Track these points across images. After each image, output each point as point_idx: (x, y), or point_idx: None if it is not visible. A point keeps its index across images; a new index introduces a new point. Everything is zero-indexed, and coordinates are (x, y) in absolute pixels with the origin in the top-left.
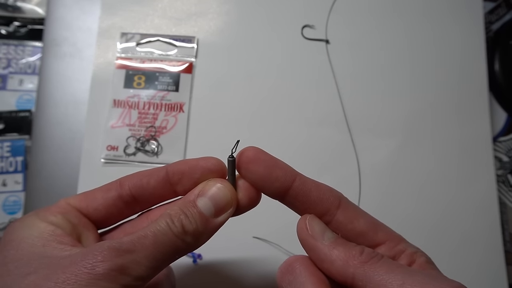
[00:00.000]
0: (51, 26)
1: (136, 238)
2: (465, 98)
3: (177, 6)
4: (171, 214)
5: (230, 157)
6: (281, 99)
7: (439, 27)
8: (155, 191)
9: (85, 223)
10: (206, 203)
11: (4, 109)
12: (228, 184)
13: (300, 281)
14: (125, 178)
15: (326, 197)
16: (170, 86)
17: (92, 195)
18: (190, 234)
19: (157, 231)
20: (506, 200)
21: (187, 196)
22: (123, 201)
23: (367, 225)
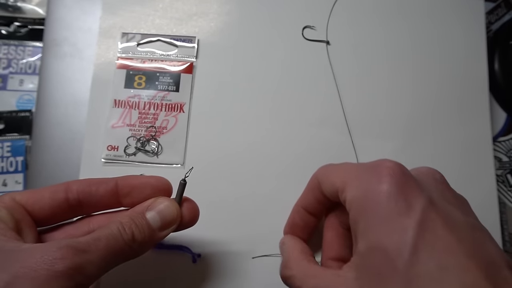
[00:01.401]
0: (52, 26)
1: (91, 240)
2: (465, 98)
3: (178, 6)
4: (123, 222)
5: (182, 180)
6: (281, 99)
7: (439, 27)
8: (102, 199)
9: (28, 220)
10: (154, 217)
11: (4, 109)
12: (175, 203)
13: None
14: (74, 182)
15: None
16: (170, 86)
17: (39, 194)
18: (137, 242)
19: (109, 235)
20: (505, 200)
21: (137, 208)
22: (69, 204)
23: (331, 183)
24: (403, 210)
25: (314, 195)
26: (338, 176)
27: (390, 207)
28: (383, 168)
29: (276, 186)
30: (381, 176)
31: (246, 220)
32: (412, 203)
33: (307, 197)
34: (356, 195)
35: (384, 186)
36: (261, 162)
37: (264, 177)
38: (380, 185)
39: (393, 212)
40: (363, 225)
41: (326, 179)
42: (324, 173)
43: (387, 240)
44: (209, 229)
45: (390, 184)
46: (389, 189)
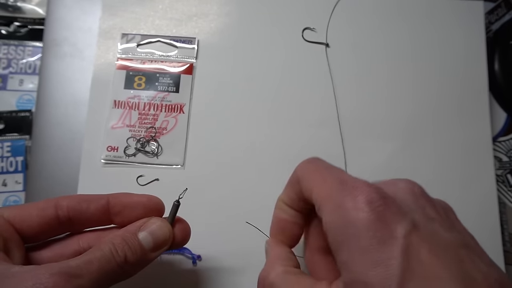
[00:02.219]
0: (52, 26)
1: (82, 264)
2: (465, 99)
3: (178, 7)
4: (115, 244)
5: (176, 201)
6: (281, 100)
7: (439, 28)
8: (93, 217)
9: (16, 239)
10: (146, 238)
11: (4, 109)
12: (168, 223)
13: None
14: (63, 199)
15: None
16: (170, 87)
17: (27, 211)
18: (130, 263)
19: (101, 258)
20: (506, 200)
21: (129, 228)
22: (59, 221)
23: (307, 187)
24: (385, 239)
25: (294, 190)
26: (316, 186)
27: (370, 237)
28: (360, 193)
29: (276, 187)
30: (359, 202)
31: (246, 220)
32: (394, 230)
33: (288, 192)
34: (333, 220)
35: (362, 214)
36: (261, 162)
37: (264, 178)
38: (358, 214)
39: (374, 242)
40: (345, 256)
41: (305, 181)
42: (303, 174)
43: (372, 273)
44: (209, 230)
45: (369, 213)
46: (368, 217)
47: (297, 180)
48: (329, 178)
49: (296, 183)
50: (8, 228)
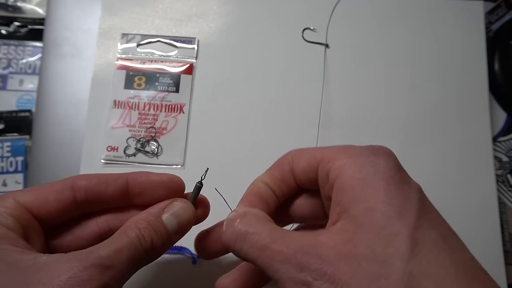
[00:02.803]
0: (52, 26)
1: (112, 253)
2: (465, 98)
3: (178, 7)
4: (141, 228)
5: (198, 183)
6: (281, 100)
7: (439, 29)
8: (112, 199)
9: (35, 226)
10: (171, 220)
11: (4, 109)
12: (191, 205)
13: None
14: (80, 179)
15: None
16: (170, 87)
17: (43, 196)
18: (156, 249)
19: (130, 245)
20: (505, 200)
21: (153, 210)
22: (76, 204)
23: (307, 157)
24: (404, 181)
25: (280, 170)
26: (320, 150)
27: (391, 177)
28: (380, 149)
29: None
30: (379, 154)
31: None
32: (410, 182)
33: (271, 172)
34: (349, 162)
35: (384, 158)
36: (261, 162)
37: None
38: (378, 158)
39: (396, 183)
40: (360, 191)
41: (303, 153)
42: (299, 150)
43: (391, 204)
44: None
45: (389, 161)
46: (391, 162)
47: (288, 160)
48: (336, 146)
49: (284, 163)
50: (26, 215)
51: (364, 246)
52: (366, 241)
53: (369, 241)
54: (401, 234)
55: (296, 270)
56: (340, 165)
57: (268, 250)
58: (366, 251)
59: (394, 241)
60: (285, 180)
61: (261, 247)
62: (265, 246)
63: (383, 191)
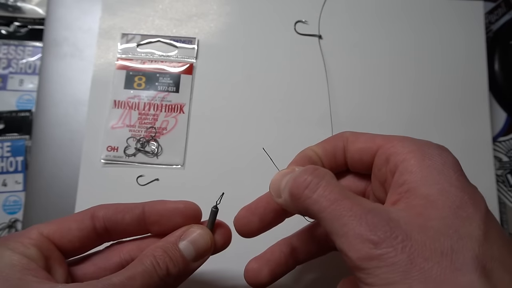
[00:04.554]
0: (52, 26)
1: (125, 280)
2: (465, 98)
3: (178, 7)
4: (156, 256)
5: (214, 207)
6: (282, 100)
7: (439, 28)
8: (129, 227)
9: (57, 256)
10: (188, 247)
11: (4, 109)
12: (208, 231)
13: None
14: (99, 209)
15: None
16: (170, 87)
17: (65, 226)
18: (172, 276)
19: (144, 273)
20: (506, 200)
21: (169, 238)
22: (96, 233)
23: (365, 140)
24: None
25: (333, 145)
26: (381, 136)
27: (460, 170)
28: (443, 146)
29: None
30: (444, 149)
31: None
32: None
33: (323, 145)
34: (417, 150)
35: (449, 153)
36: (261, 162)
37: (264, 178)
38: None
39: (464, 175)
40: (430, 174)
41: (360, 135)
42: (355, 132)
43: (464, 190)
44: None
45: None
46: (455, 158)
47: (343, 138)
48: (401, 136)
49: (339, 140)
50: (49, 245)
51: (438, 221)
52: (441, 217)
53: (444, 218)
54: (475, 217)
55: (366, 227)
56: (407, 151)
57: (340, 203)
58: (441, 226)
59: (469, 223)
60: (336, 156)
61: (333, 199)
62: (337, 199)
63: (455, 178)
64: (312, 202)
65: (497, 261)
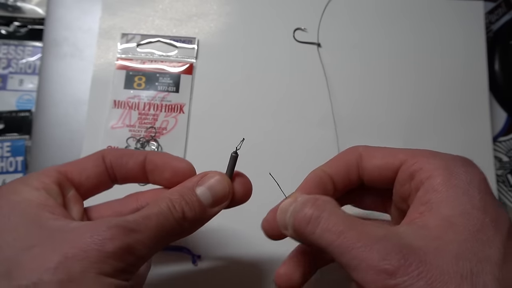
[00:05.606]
0: (51, 26)
1: (140, 218)
2: (465, 98)
3: (178, 7)
4: (172, 199)
5: (234, 153)
6: (281, 100)
7: (439, 28)
8: (131, 172)
9: (74, 195)
10: (205, 193)
11: (4, 109)
12: (227, 177)
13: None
14: (108, 152)
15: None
16: (170, 87)
17: (82, 164)
18: (188, 220)
19: (159, 213)
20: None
21: (187, 183)
22: (108, 173)
23: (384, 155)
24: (494, 196)
25: (346, 164)
26: (403, 151)
27: (485, 189)
28: (469, 161)
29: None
30: (470, 165)
31: (246, 221)
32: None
33: (334, 164)
34: (443, 167)
35: (475, 171)
36: (262, 162)
37: (264, 178)
38: (471, 170)
39: (489, 195)
40: (454, 194)
41: (376, 151)
42: (369, 147)
43: (487, 213)
44: (209, 230)
45: (480, 174)
46: (482, 176)
47: (355, 155)
48: (422, 150)
49: (351, 157)
50: (66, 182)
51: (457, 244)
52: (460, 240)
53: (463, 241)
54: (495, 241)
55: (378, 257)
56: (432, 168)
57: (346, 235)
58: (459, 249)
59: (489, 246)
60: (350, 173)
61: (339, 232)
62: (342, 231)
63: (479, 199)
64: (317, 237)
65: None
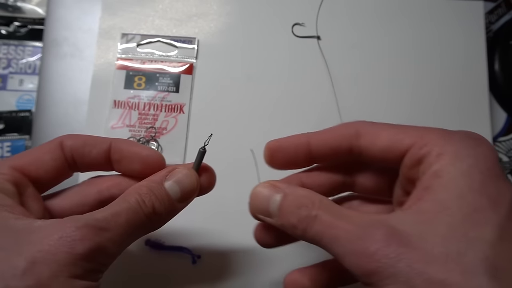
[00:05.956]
0: (51, 26)
1: (110, 216)
2: (465, 98)
3: (178, 7)
4: (141, 194)
5: (202, 148)
6: (282, 100)
7: (439, 29)
8: (95, 161)
9: (31, 190)
10: (173, 187)
11: (4, 109)
12: (194, 172)
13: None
14: (67, 139)
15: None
16: (170, 87)
17: (38, 157)
18: (158, 214)
19: (129, 210)
20: None
21: (155, 177)
22: (68, 163)
23: (389, 137)
24: (500, 177)
25: (336, 136)
26: (410, 131)
27: (489, 170)
28: (481, 139)
29: None
30: (481, 144)
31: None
32: (506, 178)
33: (324, 135)
34: (451, 151)
35: (485, 149)
36: (262, 162)
37: (264, 178)
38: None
39: (493, 176)
40: (455, 180)
41: (380, 130)
42: (371, 124)
43: (485, 194)
44: (209, 230)
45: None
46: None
47: (350, 132)
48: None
49: (344, 134)
50: (22, 179)
51: (446, 227)
52: (450, 222)
53: (454, 223)
54: (490, 221)
55: (361, 243)
56: (440, 153)
57: (335, 225)
58: (448, 231)
59: (483, 226)
60: (337, 150)
61: (329, 223)
62: (332, 222)
63: (479, 181)
64: (313, 234)
65: (510, 262)
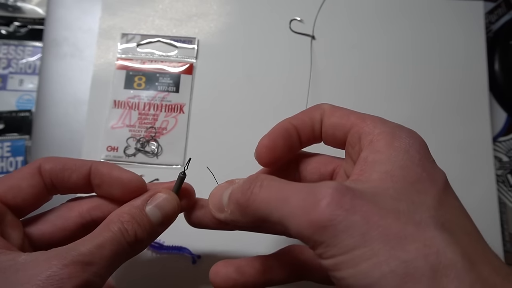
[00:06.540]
0: (51, 26)
1: (94, 249)
2: (465, 98)
3: (178, 7)
4: (124, 222)
5: (181, 173)
6: (282, 100)
7: (439, 29)
8: (76, 186)
9: (10, 218)
10: (155, 212)
11: (4, 109)
12: (175, 196)
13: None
14: (45, 162)
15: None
16: (170, 87)
17: (15, 184)
18: (139, 241)
19: (112, 239)
20: (506, 200)
21: (134, 202)
22: (47, 188)
23: (340, 116)
24: (434, 162)
25: (311, 117)
26: (356, 114)
27: (425, 154)
28: (414, 131)
29: None
30: (414, 134)
31: None
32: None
33: (301, 117)
34: (388, 132)
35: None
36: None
37: None
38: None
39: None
40: (395, 155)
41: (336, 110)
42: (333, 106)
43: (425, 170)
44: (209, 231)
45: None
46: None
47: (320, 111)
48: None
49: (316, 112)
50: (1, 209)
51: (393, 190)
52: (397, 187)
53: (400, 188)
54: (431, 191)
55: (312, 199)
56: (378, 132)
57: (283, 191)
58: (396, 194)
59: (424, 195)
60: (314, 128)
61: (278, 189)
62: (281, 187)
63: (418, 159)
64: (260, 201)
65: (454, 223)
